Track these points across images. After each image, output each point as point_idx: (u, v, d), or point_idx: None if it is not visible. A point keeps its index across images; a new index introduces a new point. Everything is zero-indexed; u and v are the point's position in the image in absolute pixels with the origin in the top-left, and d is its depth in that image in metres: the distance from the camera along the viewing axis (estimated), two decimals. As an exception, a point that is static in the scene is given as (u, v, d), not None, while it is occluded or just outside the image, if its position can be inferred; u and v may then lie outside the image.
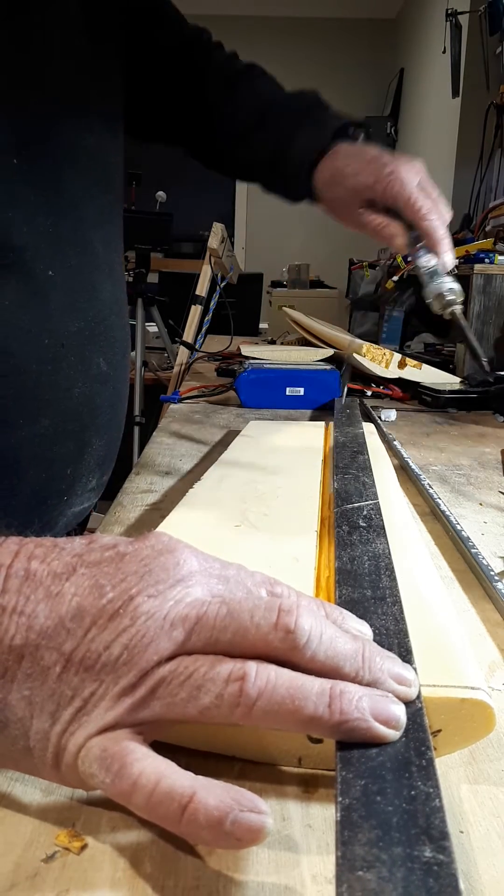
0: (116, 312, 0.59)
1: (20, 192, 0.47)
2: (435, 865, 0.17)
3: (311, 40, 4.64)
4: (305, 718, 0.21)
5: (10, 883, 0.21)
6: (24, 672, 0.22)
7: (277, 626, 0.23)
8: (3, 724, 0.22)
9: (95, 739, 0.22)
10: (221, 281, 1.45)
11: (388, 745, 0.21)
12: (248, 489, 0.49)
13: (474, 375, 1.07)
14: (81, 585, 0.23)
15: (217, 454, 0.59)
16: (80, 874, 0.22)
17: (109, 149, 0.59)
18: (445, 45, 2.90)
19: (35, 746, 0.22)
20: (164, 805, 0.20)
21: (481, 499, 0.59)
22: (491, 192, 2.75)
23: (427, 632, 0.29)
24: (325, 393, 0.93)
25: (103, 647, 0.22)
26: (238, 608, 0.23)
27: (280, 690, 0.22)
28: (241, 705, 0.21)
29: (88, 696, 0.22)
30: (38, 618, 0.23)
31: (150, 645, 0.22)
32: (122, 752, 0.21)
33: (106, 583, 0.23)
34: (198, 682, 0.22)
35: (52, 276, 0.49)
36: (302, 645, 0.22)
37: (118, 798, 0.21)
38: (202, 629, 0.23)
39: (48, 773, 0.23)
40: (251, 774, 0.26)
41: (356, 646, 0.24)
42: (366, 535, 0.38)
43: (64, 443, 0.53)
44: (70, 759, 0.22)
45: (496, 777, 0.26)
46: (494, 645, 0.36)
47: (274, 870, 0.22)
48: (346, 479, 0.49)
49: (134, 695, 0.22)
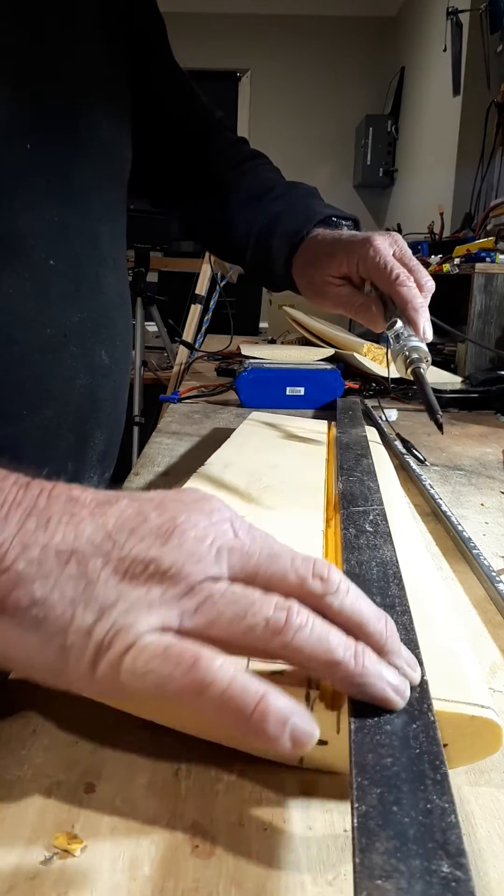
0: (119, 306, 0.59)
1: (30, 178, 0.47)
2: (453, 882, 0.17)
3: (311, 38, 4.64)
4: (333, 661, 0.23)
5: (10, 885, 0.21)
6: (67, 574, 0.23)
7: (314, 573, 0.25)
8: (42, 620, 0.23)
9: (151, 637, 0.22)
10: (221, 280, 1.45)
11: (402, 756, 0.21)
12: (251, 482, 0.49)
13: (476, 375, 1.06)
14: (126, 510, 0.25)
15: (202, 451, 0.59)
16: (79, 876, 0.21)
17: (120, 144, 0.59)
18: (446, 44, 2.89)
19: (73, 645, 0.23)
20: (237, 700, 0.21)
21: (482, 499, 0.59)
22: (492, 191, 2.75)
23: (435, 645, 0.29)
24: (325, 393, 0.93)
25: (152, 558, 0.23)
26: (279, 552, 0.25)
27: (317, 630, 0.23)
28: (282, 633, 0.23)
29: (135, 600, 0.23)
30: (85, 529, 0.24)
31: (199, 563, 0.24)
32: (194, 648, 0.22)
33: (150, 510, 0.25)
34: (245, 606, 0.23)
35: (55, 266, 0.49)
36: (333, 592, 0.24)
37: (182, 691, 0.22)
38: (246, 563, 0.25)
39: (80, 676, 0.23)
40: (251, 775, 0.26)
41: (380, 612, 0.25)
42: (373, 541, 0.38)
43: (66, 435, 0.53)
44: (114, 657, 0.22)
45: (498, 779, 0.26)
46: (496, 646, 0.36)
47: (274, 871, 0.22)
48: (351, 482, 0.48)
49: (182, 604, 0.23)
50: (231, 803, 0.25)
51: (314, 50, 4.66)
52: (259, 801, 0.25)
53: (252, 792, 0.25)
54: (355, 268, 0.60)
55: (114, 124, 0.57)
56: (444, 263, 1.51)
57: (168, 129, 0.73)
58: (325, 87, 4.73)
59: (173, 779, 0.26)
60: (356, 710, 0.24)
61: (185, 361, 1.35)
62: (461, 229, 2.37)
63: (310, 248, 0.65)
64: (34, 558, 0.23)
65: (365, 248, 0.58)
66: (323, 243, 0.64)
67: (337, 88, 4.74)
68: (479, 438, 0.82)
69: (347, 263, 0.60)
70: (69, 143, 0.51)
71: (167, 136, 0.73)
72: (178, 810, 0.24)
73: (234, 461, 0.54)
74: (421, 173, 3.83)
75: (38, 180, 0.48)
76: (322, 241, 0.64)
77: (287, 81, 4.74)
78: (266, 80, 4.75)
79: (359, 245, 0.59)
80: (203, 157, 0.75)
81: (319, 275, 0.63)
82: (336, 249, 0.61)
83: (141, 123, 0.65)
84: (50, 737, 0.28)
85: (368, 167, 4.43)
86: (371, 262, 0.58)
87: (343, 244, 0.61)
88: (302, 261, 0.65)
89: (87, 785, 0.25)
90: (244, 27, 4.58)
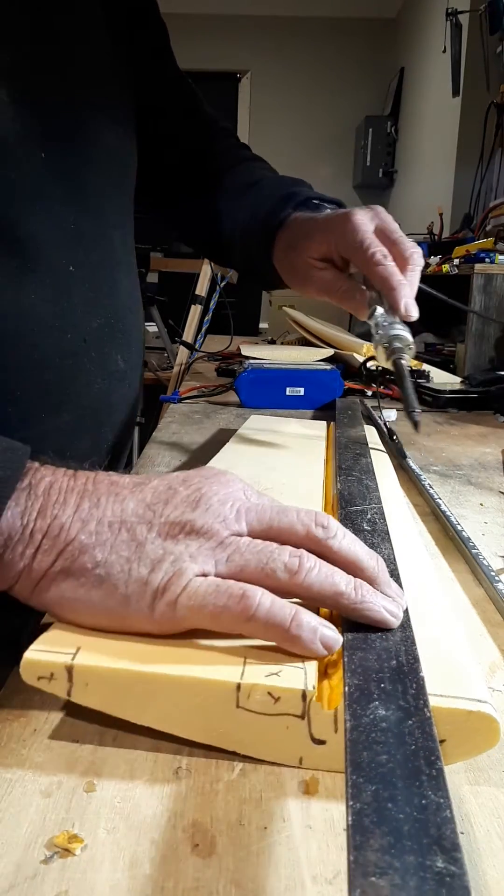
0: (133, 311, 0.59)
1: (46, 186, 0.47)
2: (447, 876, 0.17)
3: (311, 39, 4.64)
4: (338, 592, 0.28)
5: (10, 884, 0.21)
6: (120, 539, 0.29)
7: (317, 522, 0.30)
8: (104, 577, 0.28)
9: (199, 580, 0.28)
10: (221, 280, 1.45)
11: (397, 752, 0.21)
12: (251, 484, 0.49)
13: (475, 375, 1.06)
14: (159, 487, 0.31)
15: (207, 451, 0.59)
16: (79, 875, 0.21)
17: (125, 151, 0.59)
18: (446, 45, 2.89)
19: (132, 593, 0.28)
20: (278, 618, 0.27)
21: (482, 499, 0.59)
22: (491, 192, 2.75)
23: (433, 642, 0.29)
24: (325, 393, 0.93)
25: (187, 520, 0.29)
26: (286, 509, 0.31)
27: (324, 570, 0.29)
28: (297, 574, 0.28)
29: (179, 553, 0.29)
30: (129, 504, 0.30)
31: (224, 522, 0.30)
32: (240, 585, 0.28)
33: (178, 485, 0.31)
34: (266, 554, 0.29)
35: (74, 272, 0.49)
36: (332, 536, 0.30)
37: (234, 618, 0.27)
38: (262, 519, 0.30)
39: (141, 617, 0.28)
40: (252, 775, 0.26)
41: (371, 552, 0.31)
42: (371, 539, 0.38)
43: (82, 438, 0.53)
44: (171, 597, 0.28)
45: (497, 778, 0.26)
46: (495, 645, 0.36)
47: (274, 870, 0.22)
48: (349, 482, 0.48)
49: (216, 554, 0.29)
50: (231, 803, 0.25)
51: (314, 51, 4.67)
52: (259, 800, 0.25)
53: (252, 792, 0.25)
54: (334, 247, 0.56)
55: (119, 132, 0.57)
56: (443, 264, 1.51)
57: (171, 136, 0.72)
58: (324, 88, 4.74)
59: (173, 778, 0.26)
60: (350, 627, 0.29)
61: (185, 362, 1.35)
62: (460, 230, 2.37)
63: (289, 231, 0.61)
64: (92, 530, 0.29)
65: (343, 225, 0.54)
66: (302, 225, 0.60)
67: (336, 89, 4.74)
68: (478, 438, 0.83)
69: (326, 243, 0.56)
70: (79, 150, 0.51)
71: (169, 143, 0.73)
72: (178, 810, 0.24)
73: (232, 466, 0.54)
74: (420, 174, 3.83)
75: (53, 188, 0.48)
76: (301, 222, 0.60)
77: (287, 82, 4.74)
78: (266, 81, 4.75)
79: (337, 222, 0.55)
80: (203, 163, 0.75)
81: (301, 258, 0.59)
82: (314, 229, 0.58)
83: (144, 130, 0.64)
84: (50, 736, 0.28)
85: (368, 168, 4.43)
86: (349, 240, 0.54)
87: (321, 223, 0.57)
88: (282, 245, 0.62)
89: (88, 784, 0.25)
90: (244, 28, 4.59)
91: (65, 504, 0.30)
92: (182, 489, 0.31)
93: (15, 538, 0.29)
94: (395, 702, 0.24)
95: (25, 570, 0.29)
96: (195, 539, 0.29)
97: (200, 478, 0.32)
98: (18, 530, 0.29)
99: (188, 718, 0.27)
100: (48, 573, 0.29)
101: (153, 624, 0.28)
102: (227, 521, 0.30)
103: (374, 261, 0.52)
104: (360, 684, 0.25)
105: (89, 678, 0.27)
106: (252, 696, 0.26)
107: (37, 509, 0.29)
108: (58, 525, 0.29)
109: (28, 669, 0.27)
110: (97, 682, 0.27)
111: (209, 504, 0.30)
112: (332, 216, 0.57)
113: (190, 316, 1.41)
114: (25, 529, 0.29)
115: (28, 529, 0.29)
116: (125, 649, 0.28)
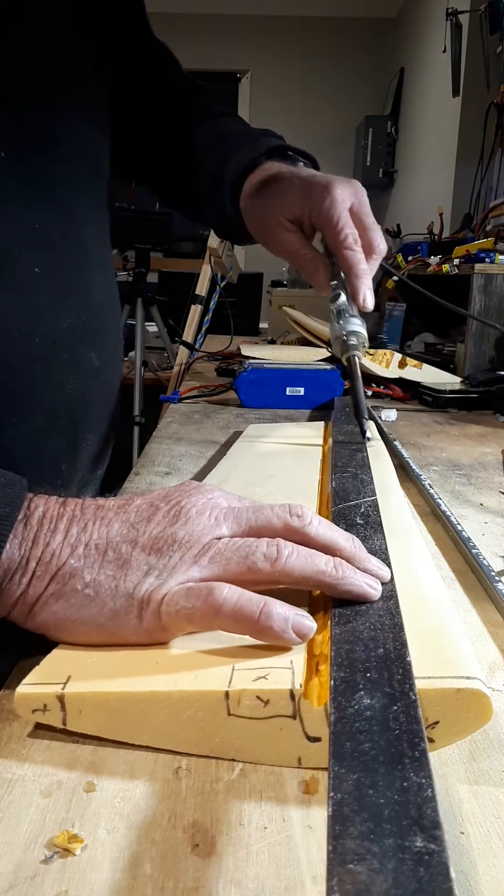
0: (107, 307, 0.58)
1: (7, 188, 0.46)
2: (426, 855, 0.17)
3: (311, 40, 4.64)
4: (319, 571, 0.30)
5: (10, 884, 0.21)
6: (107, 560, 0.30)
7: (291, 514, 0.32)
8: (94, 596, 0.30)
9: (177, 587, 0.29)
10: (221, 280, 1.45)
11: (381, 739, 0.21)
12: (247, 493, 0.49)
13: (475, 375, 1.06)
14: (142, 506, 0.32)
15: (221, 456, 0.59)
16: (79, 875, 0.21)
17: (100, 142, 0.58)
18: (446, 45, 2.89)
19: (121, 608, 0.29)
20: (247, 609, 0.28)
21: (482, 499, 0.59)
22: (491, 192, 2.75)
23: (424, 626, 0.29)
24: (324, 393, 0.93)
25: (169, 534, 0.31)
26: (261, 507, 0.33)
27: (302, 552, 0.30)
28: (277, 560, 0.30)
29: (163, 566, 0.30)
30: (114, 525, 0.31)
31: (204, 530, 0.31)
32: (207, 585, 0.29)
33: (159, 502, 0.33)
34: (245, 549, 0.30)
35: (40, 274, 0.48)
36: (308, 524, 0.32)
37: (205, 616, 0.28)
38: (240, 522, 0.32)
39: (130, 629, 0.29)
40: (251, 775, 0.26)
41: (348, 535, 0.33)
42: (363, 532, 0.38)
43: (57, 439, 0.53)
44: (154, 607, 0.29)
45: (496, 778, 0.26)
46: (495, 646, 0.36)
47: (274, 870, 0.22)
48: (343, 478, 0.49)
49: (199, 561, 0.30)
50: (231, 803, 0.25)
51: (314, 51, 4.66)
52: (259, 800, 0.25)
53: (252, 792, 0.25)
54: (308, 213, 0.55)
55: (94, 121, 0.55)
56: (443, 264, 1.51)
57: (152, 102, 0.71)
58: (324, 88, 4.74)
59: (173, 778, 0.26)
60: (340, 621, 0.29)
61: (185, 362, 1.35)
62: (460, 230, 2.37)
63: (262, 178, 0.59)
64: (80, 554, 0.30)
65: (322, 195, 0.54)
66: (279, 176, 0.58)
67: (336, 89, 4.74)
68: (478, 438, 0.83)
69: (301, 206, 0.56)
70: (46, 147, 0.49)
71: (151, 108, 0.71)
72: (178, 810, 0.24)
73: (230, 477, 0.54)
74: (420, 174, 3.83)
75: (17, 188, 0.47)
76: (279, 174, 0.59)
77: (287, 82, 4.74)
78: (266, 81, 4.75)
79: (317, 188, 0.55)
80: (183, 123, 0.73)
81: (272, 214, 0.58)
82: (292, 186, 0.57)
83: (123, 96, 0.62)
84: (50, 736, 0.28)
85: (368, 168, 4.43)
86: (324, 212, 0.54)
87: (300, 183, 0.56)
88: (252, 192, 0.60)
89: (88, 784, 0.25)
90: (244, 28, 4.58)
91: (55, 531, 0.31)
92: (163, 505, 0.32)
93: (13, 568, 0.30)
94: (380, 689, 0.24)
95: (21, 596, 0.30)
96: (177, 550, 0.30)
97: (180, 493, 0.33)
98: (17, 561, 0.30)
99: (183, 732, 0.27)
100: (41, 597, 0.30)
101: (143, 635, 0.29)
102: (207, 529, 0.31)
103: (346, 244, 0.53)
104: (346, 676, 0.25)
105: (82, 705, 0.27)
106: (242, 701, 0.26)
107: (31, 538, 0.31)
108: (49, 552, 0.30)
109: (22, 703, 0.27)
110: (90, 708, 0.27)
111: (188, 516, 0.31)
112: (313, 182, 0.56)
113: (190, 316, 1.40)
114: (23, 559, 0.30)
115: (24, 558, 0.30)
116: (116, 671, 0.28)
